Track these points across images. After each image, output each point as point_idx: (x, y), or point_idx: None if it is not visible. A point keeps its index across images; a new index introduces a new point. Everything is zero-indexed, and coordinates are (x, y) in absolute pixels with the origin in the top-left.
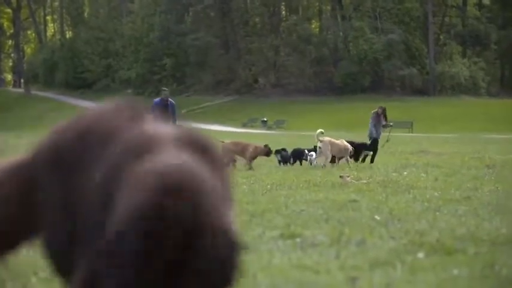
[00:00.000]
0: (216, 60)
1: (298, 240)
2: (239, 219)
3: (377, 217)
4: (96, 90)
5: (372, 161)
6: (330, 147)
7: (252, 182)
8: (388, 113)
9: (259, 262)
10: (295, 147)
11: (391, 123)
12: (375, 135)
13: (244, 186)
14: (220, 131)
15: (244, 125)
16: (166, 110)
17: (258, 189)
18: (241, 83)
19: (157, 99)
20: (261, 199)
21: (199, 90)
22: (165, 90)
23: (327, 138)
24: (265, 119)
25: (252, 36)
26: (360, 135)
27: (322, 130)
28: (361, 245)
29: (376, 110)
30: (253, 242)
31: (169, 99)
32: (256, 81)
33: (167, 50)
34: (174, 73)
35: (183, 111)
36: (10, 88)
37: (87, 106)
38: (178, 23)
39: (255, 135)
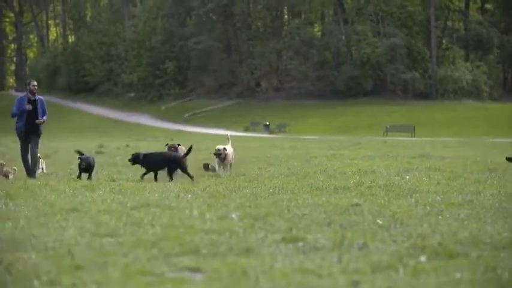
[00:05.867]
0: (218, 64)
1: (300, 244)
2: (242, 223)
3: (379, 221)
4: (99, 94)
5: None
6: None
7: (254, 185)
8: (390, 117)
9: (261, 266)
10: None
11: None
12: None
13: (247, 190)
14: (222, 135)
15: (246, 129)
16: (34, 107)
17: (260, 193)
18: (243, 87)
19: (22, 95)
20: (263, 203)
21: (201, 94)
22: (32, 81)
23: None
24: (267, 123)
25: (254, 40)
26: (364, 138)
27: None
28: (363, 248)
29: None
30: (256, 245)
31: (38, 96)
32: (258, 85)
33: (169, 54)
34: (176, 77)
35: (185, 115)
36: (12, 92)
37: (90, 110)
38: (180, 26)
39: (258, 139)
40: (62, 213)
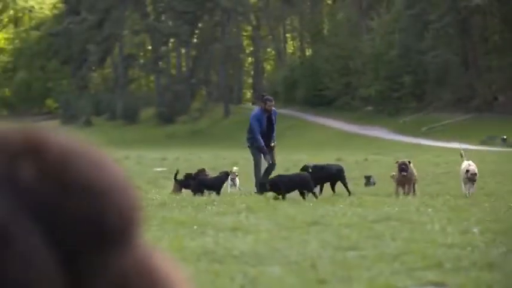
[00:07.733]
0: (455, 78)
1: None
2: (483, 237)
3: None
4: (336, 107)
5: None
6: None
7: (493, 200)
8: None
9: (505, 281)
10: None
11: None
12: None
13: (486, 204)
14: (458, 149)
15: (482, 143)
16: (271, 120)
17: (500, 207)
18: (480, 101)
19: (257, 112)
20: (503, 217)
21: (438, 108)
22: (269, 100)
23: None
24: (504, 137)
25: (491, 54)
26: None
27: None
28: None
29: None
30: (498, 260)
31: (273, 109)
32: (496, 98)
33: (406, 68)
34: (413, 90)
35: (423, 128)
36: (250, 105)
37: (327, 123)
38: (417, 40)
39: (495, 153)
40: (303, 226)
